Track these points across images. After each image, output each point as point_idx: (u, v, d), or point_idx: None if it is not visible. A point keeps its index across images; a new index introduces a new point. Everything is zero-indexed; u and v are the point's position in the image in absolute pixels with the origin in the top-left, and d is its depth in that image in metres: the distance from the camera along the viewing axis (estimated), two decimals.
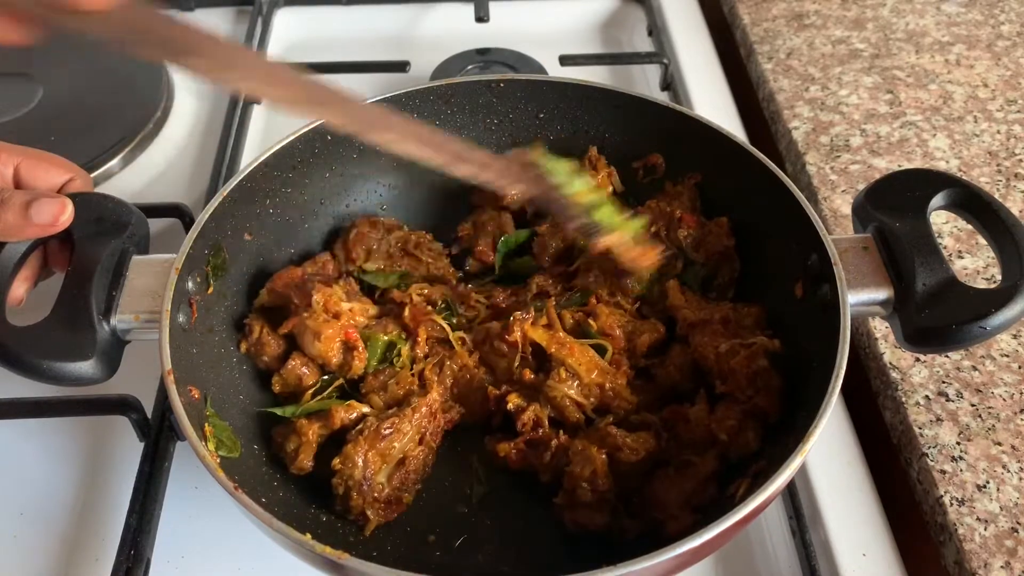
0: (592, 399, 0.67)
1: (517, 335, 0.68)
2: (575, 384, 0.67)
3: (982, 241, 0.80)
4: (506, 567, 0.62)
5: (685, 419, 0.65)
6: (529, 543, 0.64)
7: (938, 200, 0.67)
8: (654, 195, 0.80)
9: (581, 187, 0.69)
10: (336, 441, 0.65)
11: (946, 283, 0.62)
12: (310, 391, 0.69)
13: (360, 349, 0.69)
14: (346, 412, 0.66)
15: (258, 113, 1.06)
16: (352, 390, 0.70)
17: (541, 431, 0.66)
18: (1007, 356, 0.76)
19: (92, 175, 0.95)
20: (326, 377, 0.70)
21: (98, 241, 0.65)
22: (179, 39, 0.54)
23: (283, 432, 0.66)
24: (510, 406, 0.67)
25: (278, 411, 0.68)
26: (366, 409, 0.67)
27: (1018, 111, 1.01)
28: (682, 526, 0.58)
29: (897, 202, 0.67)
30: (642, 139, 0.80)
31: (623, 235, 0.70)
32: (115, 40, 0.53)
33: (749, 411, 0.65)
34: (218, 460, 0.57)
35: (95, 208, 0.67)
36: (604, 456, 0.62)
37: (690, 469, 0.62)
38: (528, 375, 0.68)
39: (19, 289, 0.65)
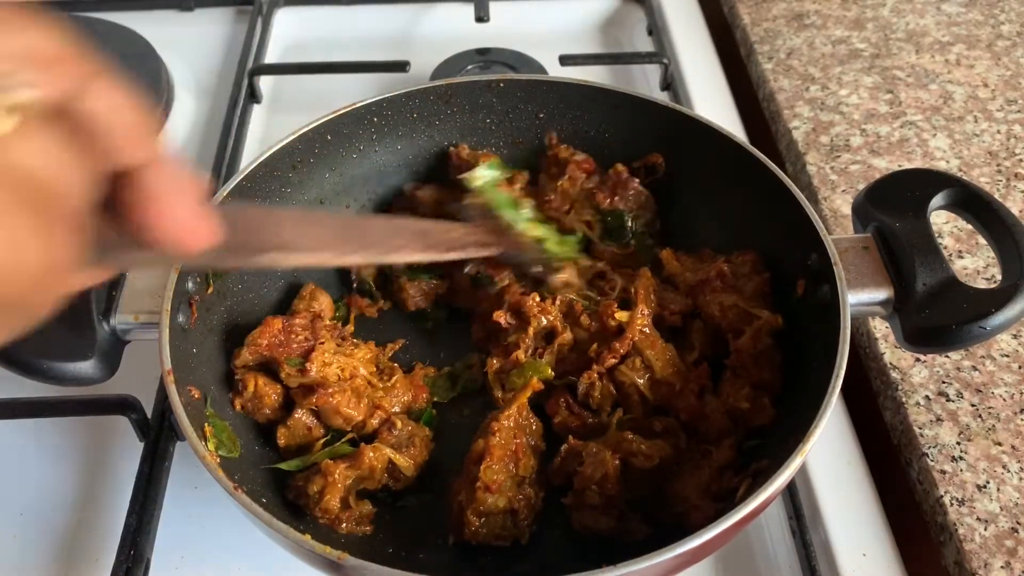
0: (657, 398, 0.68)
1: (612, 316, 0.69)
2: (647, 376, 0.67)
3: (982, 240, 0.79)
4: (510, 567, 0.62)
5: (704, 416, 0.66)
6: (533, 544, 0.64)
7: (938, 200, 0.67)
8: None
9: (528, 218, 0.72)
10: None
11: (946, 283, 0.62)
12: (320, 441, 0.67)
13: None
14: (375, 455, 0.63)
15: (258, 113, 1.06)
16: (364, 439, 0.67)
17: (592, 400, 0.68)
18: (1007, 356, 0.76)
19: None
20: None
21: None
22: (262, 242, 0.51)
23: (303, 476, 0.64)
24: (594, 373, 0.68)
25: (284, 466, 0.65)
26: (388, 451, 0.64)
27: (1018, 111, 1.01)
28: (704, 516, 0.58)
29: (897, 202, 0.67)
30: (642, 139, 0.80)
31: (573, 262, 0.73)
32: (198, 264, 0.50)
33: (755, 384, 0.66)
34: (218, 460, 0.57)
35: None
36: (617, 461, 0.61)
37: (707, 459, 0.62)
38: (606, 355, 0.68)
39: None
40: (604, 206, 0.79)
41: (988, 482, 0.68)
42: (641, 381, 0.67)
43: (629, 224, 0.80)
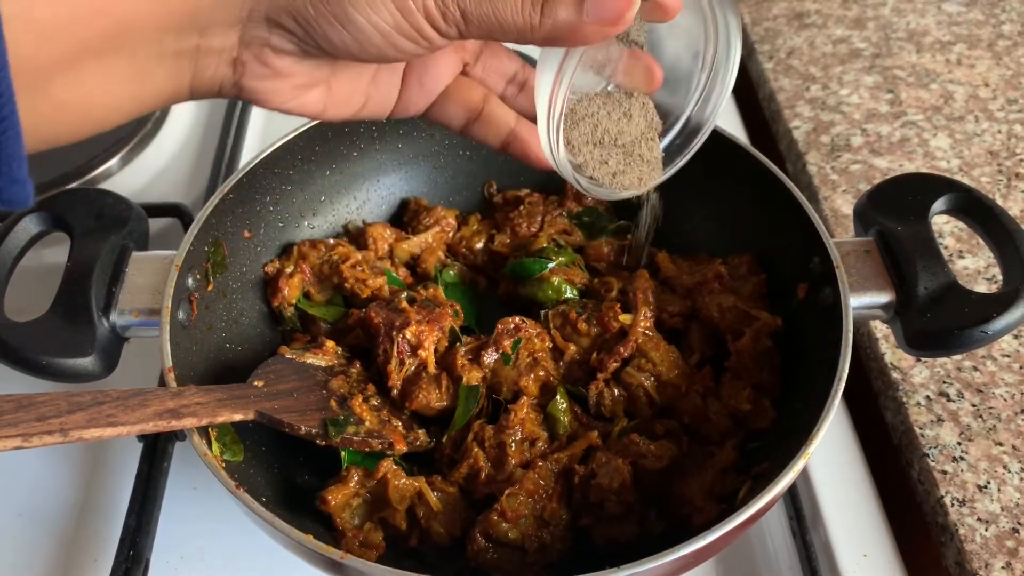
0: (664, 400, 0.67)
1: (613, 319, 0.68)
2: (653, 378, 0.67)
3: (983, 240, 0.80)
4: (513, 568, 0.61)
5: (707, 418, 0.65)
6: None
7: (940, 204, 0.67)
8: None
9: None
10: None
11: (948, 287, 0.62)
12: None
13: None
14: (395, 479, 0.61)
15: (257, 113, 1.05)
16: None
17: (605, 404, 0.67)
18: (1008, 356, 0.76)
19: (91, 175, 0.94)
20: None
21: (97, 237, 0.65)
22: None
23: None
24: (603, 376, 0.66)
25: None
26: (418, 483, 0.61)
27: (1019, 111, 1.01)
28: (708, 517, 0.58)
29: (899, 206, 0.67)
30: None
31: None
32: None
33: (755, 386, 0.66)
34: (223, 464, 0.56)
35: (94, 203, 0.67)
36: (630, 466, 0.61)
37: (710, 460, 0.62)
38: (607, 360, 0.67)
39: None
40: (576, 210, 0.80)
41: (989, 482, 0.68)
42: (648, 383, 0.67)
43: (605, 215, 0.80)
